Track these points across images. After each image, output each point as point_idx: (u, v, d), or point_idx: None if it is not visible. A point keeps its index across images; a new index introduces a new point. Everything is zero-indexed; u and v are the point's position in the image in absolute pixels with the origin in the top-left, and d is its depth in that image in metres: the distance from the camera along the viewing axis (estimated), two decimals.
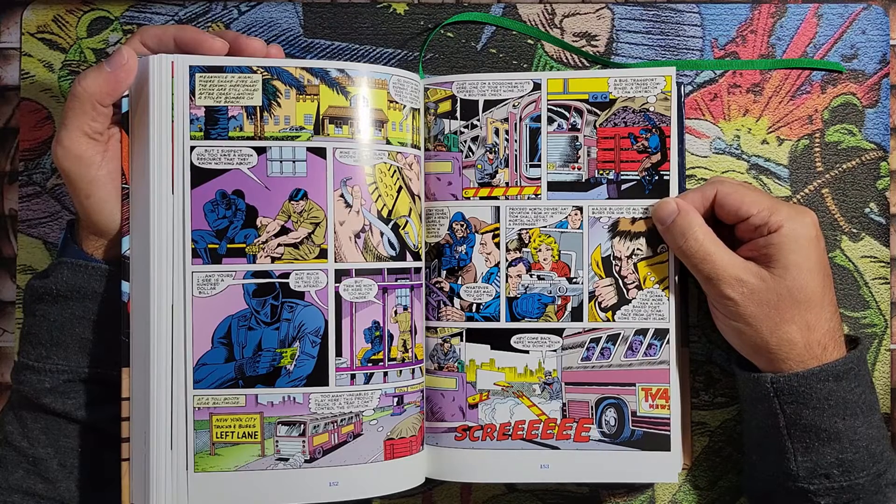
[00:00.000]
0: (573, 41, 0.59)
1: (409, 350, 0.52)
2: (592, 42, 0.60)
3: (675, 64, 0.59)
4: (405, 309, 0.52)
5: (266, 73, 0.49)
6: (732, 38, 0.59)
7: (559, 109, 0.54)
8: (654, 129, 0.53)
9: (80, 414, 0.49)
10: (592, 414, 0.53)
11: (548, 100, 0.54)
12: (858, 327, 0.58)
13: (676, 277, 0.54)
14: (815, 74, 0.59)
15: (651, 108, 0.53)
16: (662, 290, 0.53)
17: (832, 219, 0.58)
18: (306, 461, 0.49)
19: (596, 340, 0.53)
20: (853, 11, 0.59)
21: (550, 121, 0.54)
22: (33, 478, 0.49)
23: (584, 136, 0.54)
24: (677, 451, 0.53)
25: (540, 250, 0.54)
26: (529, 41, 0.60)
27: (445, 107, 0.54)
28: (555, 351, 0.53)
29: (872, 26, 0.59)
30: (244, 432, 0.49)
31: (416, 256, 0.53)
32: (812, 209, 0.57)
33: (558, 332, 0.53)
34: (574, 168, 0.54)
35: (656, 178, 0.53)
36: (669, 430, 0.53)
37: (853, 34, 0.59)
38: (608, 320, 0.53)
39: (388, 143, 0.51)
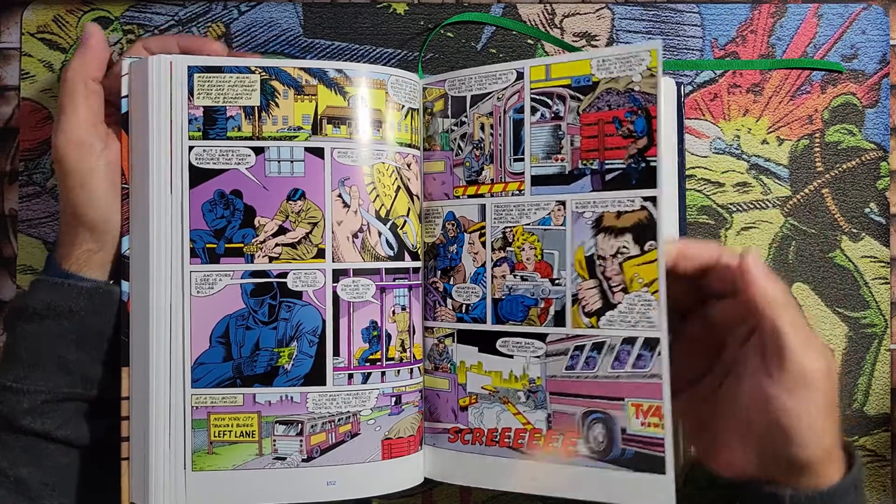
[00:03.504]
0: (573, 41, 0.59)
1: (408, 350, 0.52)
2: (592, 42, 0.59)
3: (675, 64, 0.58)
4: (403, 309, 0.52)
5: (264, 74, 0.49)
6: (732, 38, 0.59)
7: (542, 98, 0.50)
8: (639, 111, 0.47)
9: (60, 433, 0.49)
10: (579, 427, 0.49)
11: (530, 88, 0.51)
12: (858, 327, 0.58)
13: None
14: (815, 74, 0.59)
15: (636, 88, 0.48)
16: (651, 294, 0.47)
17: (832, 219, 0.58)
18: (304, 460, 0.49)
19: (580, 348, 0.49)
20: (853, 11, 0.59)
21: (534, 111, 0.50)
22: (16, 497, 0.48)
23: (567, 123, 0.50)
24: (673, 474, 0.47)
25: (523, 249, 0.51)
26: (529, 41, 0.59)
27: (440, 105, 0.53)
28: (539, 357, 0.50)
29: (872, 26, 0.58)
30: (242, 431, 0.49)
31: (415, 256, 0.53)
32: (812, 209, 0.57)
33: (542, 337, 0.50)
34: (557, 159, 0.50)
35: (643, 165, 0.47)
36: (664, 452, 0.46)
37: (853, 34, 0.59)
38: (592, 326, 0.48)
39: (387, 143, 0.51)
